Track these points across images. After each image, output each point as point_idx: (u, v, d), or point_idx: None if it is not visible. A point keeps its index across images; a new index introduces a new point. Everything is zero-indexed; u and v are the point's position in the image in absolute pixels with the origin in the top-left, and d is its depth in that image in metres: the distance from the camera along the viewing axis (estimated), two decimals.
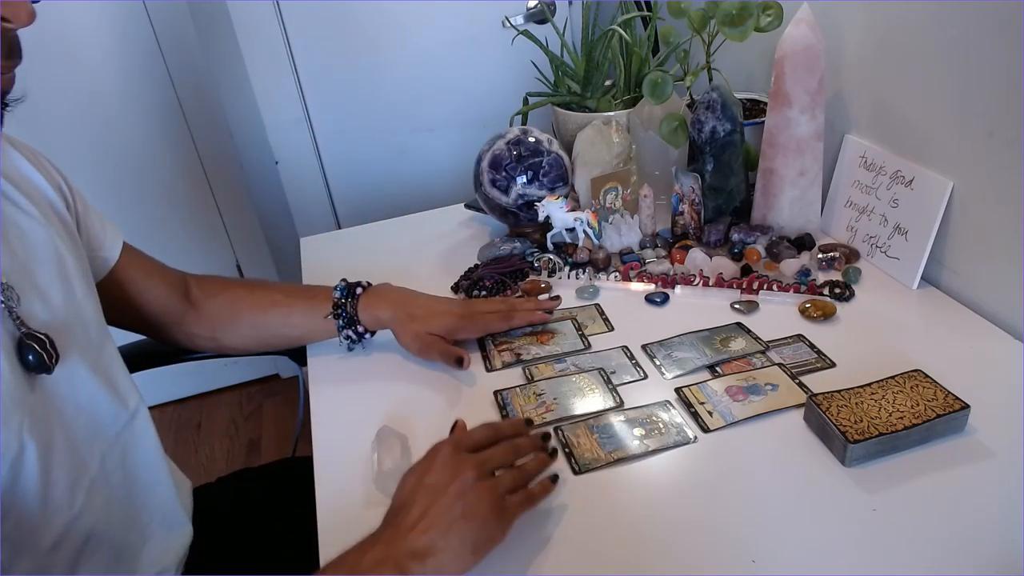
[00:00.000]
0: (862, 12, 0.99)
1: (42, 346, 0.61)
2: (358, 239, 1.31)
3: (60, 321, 0.66)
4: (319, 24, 1.84)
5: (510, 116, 1.33)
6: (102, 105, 1.81)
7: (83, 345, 0.69)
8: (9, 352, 0.60)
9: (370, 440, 0.78)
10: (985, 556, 0.59)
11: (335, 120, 1.97)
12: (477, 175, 1.13)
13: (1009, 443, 0.69)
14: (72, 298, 0.70)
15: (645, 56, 1.27)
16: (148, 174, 1.94)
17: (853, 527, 0.63)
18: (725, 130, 1.04)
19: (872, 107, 1.02)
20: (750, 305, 0.94)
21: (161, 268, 0.91)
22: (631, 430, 0.76)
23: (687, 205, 1.08)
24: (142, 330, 0.91)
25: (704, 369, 0.84)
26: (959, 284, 0.92)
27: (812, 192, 1.06)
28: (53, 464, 0.63)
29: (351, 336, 0.91)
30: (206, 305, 0.92)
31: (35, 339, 0.61)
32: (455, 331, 0.89)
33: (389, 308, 0.90)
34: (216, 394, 2.31)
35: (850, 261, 1.01)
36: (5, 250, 0.64)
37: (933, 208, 0.91)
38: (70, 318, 0.68)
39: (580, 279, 1.05)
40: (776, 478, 0.69)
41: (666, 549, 0.63)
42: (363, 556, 0.58)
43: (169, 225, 2.01)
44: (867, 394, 0.73)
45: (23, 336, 0.61)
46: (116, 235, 0.84)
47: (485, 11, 1.92)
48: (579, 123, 1.24)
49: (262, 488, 1.04)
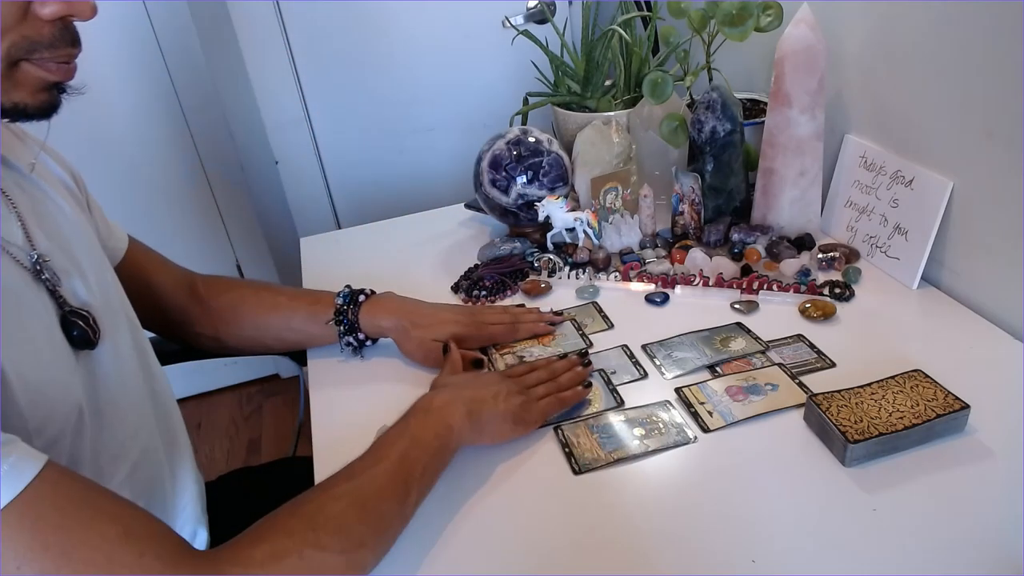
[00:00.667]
0: (862, 12, 0.99)
1: (85, 322, 0.64)
2: (358, 239, 1.31)
3: (98, 300, 0.69)
4: (319, 24, 1.84)
5: (510, 116, 1.33)
6: (102, 105, 1.81)
7: (120, 324, 0.72)
8: (56, 328, 0.62)
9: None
10: (985, 556, 0.59)
11: (335, 120, 1.97)
12: (477, 175, 1.13)
13: (1009, 443, 0.69)
14: (105, 278, 0.73)
15: (645, 56, 1.27)
16: (148, 174, 1.94)
17: (853, 527, 0.63)
18: (725, 130, 1.04)
19: (872, 107, 1.02)
20: (750, 305, 0.95)
21: (167, 264, 0.93)
22: (631, 430, 0.76)
23: (687, 205, 1.08)
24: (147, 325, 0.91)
25: (704, 369, 0.84)
26: (959, 284, 0.92)
27: (812, 192, 1.06)
28: (101, 434, 0.66)
29: (352, 343, 0.91)
30: (211, 304, 0.93)
31: (79, 315, 0.64)
32: (460, 340, 0.88)
33: (391, 317, 0.90)
34: (216, 394, 2.31)
35: (850, 261, 1.01)
36: (42, 232, 0.66)
37: (933, 208, 0.91)
38: (106, 297, 0.71)
39: (580, 279, 1.05)
40: (776, 478, 0.69)
41: (666, 549, 0.63)
42: (432, 399, 0.72)
43: (169, 225, 2.01)
44: (867, 394, 0.73)
45: (67, 313, 0.63)
46: (120, 229, 0.86)
47: (485, 11, 1.92)
48: (579, 123, 1.24)
49: (262, 487, 1.04)
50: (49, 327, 0.61)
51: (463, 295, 1.05)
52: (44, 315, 0.61)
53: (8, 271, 0.60)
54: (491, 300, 1.03)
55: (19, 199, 0.65)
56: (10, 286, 0.59)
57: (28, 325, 0.59)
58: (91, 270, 0.70)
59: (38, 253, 0.63)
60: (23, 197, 0.66)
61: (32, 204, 0.67)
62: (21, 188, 0.67)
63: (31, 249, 0.63)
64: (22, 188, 0.67)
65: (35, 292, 0.61)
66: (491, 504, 0.70)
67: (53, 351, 0.61)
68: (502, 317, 0.93)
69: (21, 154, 0.70)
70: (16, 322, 0.58)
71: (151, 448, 0.75)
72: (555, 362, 0.84)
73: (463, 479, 0.73)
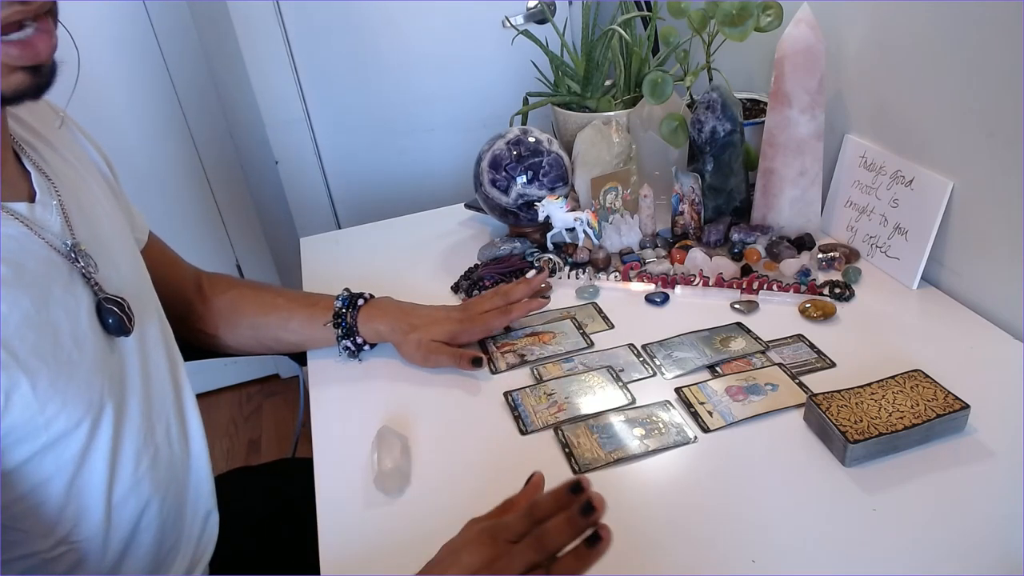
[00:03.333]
0: (862, 12, 0.99)
1: (121, 309, 0.64)
2: (358, 239, 1.31)
3: (131, 288, 0.69)
4: (319, 24, 1.84)
5: (510, 116, 1.33)
6: (102, 105, 1.81)
7: (150, 312, 0.73)
8: (92, 317, 0.63)
9: (370, 440, 0.78)
10: (985, 556, 0.59)
11: (335, 120, 1.97)
12: (477, 175, 1.13)
13: (1009, 443, 0.69)
14: (137, 266, 0.74)
15: (645, 56, 1.27)
16: (148, 174, 1.94)
17: (853, 527, 0.63)
18: (725, 130, 1.04)
19: (872, 107, 1.02)
20: (750, 305, 0.94)
21: (179, 259, 0.94)
22: (631, 430, 0.76)
23: (687, 205, 1.08)
24: None
25: (704, 369, 0.84)
26: (959, 284, 0.92)
27: (812, 192, 1.06)
28: (124, 425, 0.66)
29: (349, 347, 0.91)
30: (213, 301, 0.94)
31: (114, 303, 0.64)
32: (457, 336, 0.88)
33: (388, 321, 0.90)
34: (216, 394, 2.31)
35: (850, 261, 1.01)
36: (80, 217, 0.66)
37: (933, 208, 0.91)
38: (138, 285, 0.72)
39: (580, 279, 1.05)
40: (776, 478, 0.69)
41: (666, 549, 0.63)
42: None
43: (169, 225, 1.99)
44: (867, 394, 0.73)
45: (102, 300, 0.64)
46: (143, 219, 0.87)
47: (485, 11, 1.92)
48: (579, 123, 1.24)
49: (262, 487, 1.04)
50: (77, 315, 0.62)
51: (463, 295, 1.05)
52: (74, 304, 0.62)
53: (40, 257, 0.60)
54: None
55: (63, 185, 0.66)
56: (40, 272, 0.59)
57: (53, 315, 0.60)
58: (124, 258, 0.71)
59: (75, 240, 0.64)
60: (64, 182, 0.67)
61: (73, 189, 0.68)
62: (62, 174, 0.68)
63: (69, 236, 0.64)
64: (62, 173, 0.68)
65: (68, 279, 0.62)
66: (491, 504, 0.70)
67: (78, 347, 0.61)
68: (493, 301, 0.93)
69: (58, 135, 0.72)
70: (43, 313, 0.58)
71: (172, 439, 0.75)
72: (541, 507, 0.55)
73: (464, 478, 0.73)
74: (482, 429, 0.79)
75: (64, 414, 0.59)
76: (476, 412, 0.82)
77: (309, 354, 0.96)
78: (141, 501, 0.68)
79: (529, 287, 0.94)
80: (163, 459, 0.72)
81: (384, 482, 0.72)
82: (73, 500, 0.62)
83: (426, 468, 0.74)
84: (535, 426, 0.78)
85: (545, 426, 0.78)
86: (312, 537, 0.69)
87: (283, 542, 0.91)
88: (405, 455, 0.75)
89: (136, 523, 0.68)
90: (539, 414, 0.80)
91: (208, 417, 2.20)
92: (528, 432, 0.78)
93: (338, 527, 0.69)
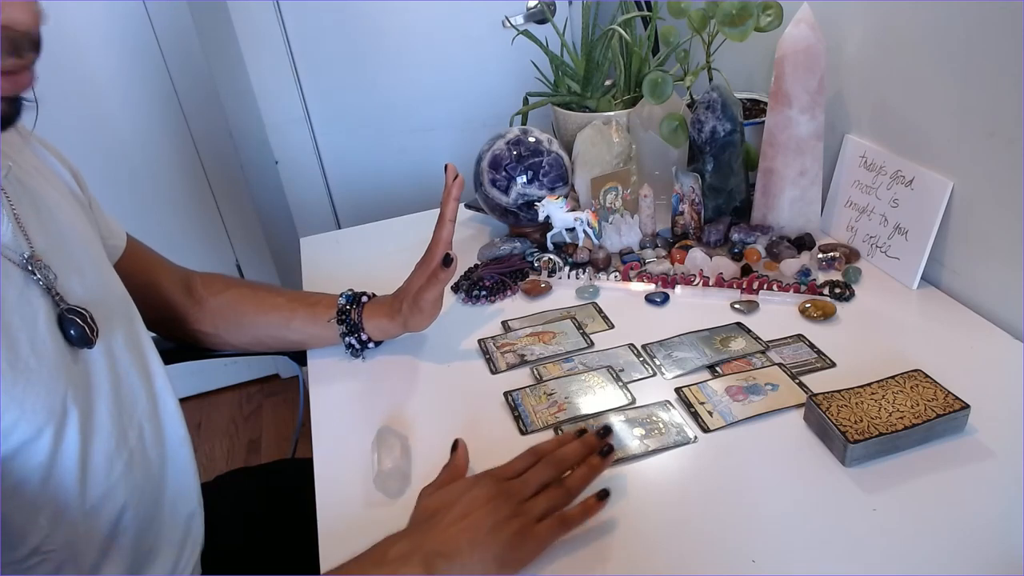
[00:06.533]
0: (862, 12, 0.99)
1: (83, 320, 0.63)
2: (358, 239, 1.31)
3: (96, 297, 0.68)
4: (319, 25, 1.84)
5: (510, 116, 1.33)
6: (102, 105, 1.81)
7: (118, 321, 0.72)
8: (52, 326, 0.62)
9: (370, 440, 0.78)
10: (985, 556, 0.59)
11: (335, 120, 1.97)
12: (477, 175, 1.13)
13: (1009, 443, 0.69)
14: (102, 275, 0.73)
15: (645, 56, 1.27)
16: (148, 174, 1.94)
17: (853, 527, 0.63)
18: (725, 130, 1.04)
19: (872, 107, 1.02)
20: (750, 305, 0.95)
21: (164, 262, 0.93)
22: (631, 430, 0.76)
23: (687, 205, 1.08)
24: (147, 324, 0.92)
25: (704, 369, 0.84)
26: (959, 284, 0.92)
27: (812, 192, 1.06)
28: (94, 431, 0.65)
29: (353, 344, 0.91)
30: (209, 302, 0.93)
31: (76, 314, 0.63)
32: (426, 270, 0.87)
33: (386, 311, 0.90)
34: (216, 394, 2.31)
35: (850, 261, 1.01)
36: (39, 229, 0.65)
37: (933, 208, 0.91)
38: (104, 294, 0.71)
39: (580, 279, 1.05)
40: (776, 478, 0.69)
41: (666, 549, 0.63)
42: (389, 548, 0.59)
43: (169, 225, 2.02)
44: (867, 394, 0.73)
45: (64, 311, 0.63)
46: (119, 226, 0.86)
47: (485, 11, 1.92)
48: (579, 123, 1.24)
49: (261, 487, 1.04)
50: (34, 323, 0.60)
51: (463, 295, 1.05)
52: (30, 312, 0.60)
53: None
54: (491, 300, 1.03)
55: (18, 197, 0.65)
56: None
57: (7, 321, 0.58)
58: (90, 268, 0.70)
59: (32, 251, 0.63)
60: (23, 195, 0.66)
61: (32, 201, 0.67)
62: (23, 185, 0.67)
63: (27, 247, 0.62)
64: (23, 185, 0.67)
65: (23, 286, 0.61)
66: None
67: (36, 354, 0.60)
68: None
69: (21, 152, 0.70)
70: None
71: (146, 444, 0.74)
72: (566, 446, 0.67)
73: None
74: (482, 429, 0.79)
75: (24, 421, 0.58)
76: (476, 412, 0.82)
77: (309, 354, 0.96)
78: (116, 506, 0.67)
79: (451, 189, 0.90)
80: (138, 463, 0.71)
81: (384, 482, 0.72)
82: (44, 508, 0.61)
83: (426, 468, 0.74)
84: (535, 426, 0.78)
85: (545, 426, 0.78)
86: (312, 537, 0.69)
87: (283, 542, 0.91)
88: (405, 455, 0.75)
89: (113, 527, 0.67)
90: (539, 414, 0.80)
91: (208, 417, 2.22)
92: (528, 432, 0.78)
93: (338, 527, 0.69)
